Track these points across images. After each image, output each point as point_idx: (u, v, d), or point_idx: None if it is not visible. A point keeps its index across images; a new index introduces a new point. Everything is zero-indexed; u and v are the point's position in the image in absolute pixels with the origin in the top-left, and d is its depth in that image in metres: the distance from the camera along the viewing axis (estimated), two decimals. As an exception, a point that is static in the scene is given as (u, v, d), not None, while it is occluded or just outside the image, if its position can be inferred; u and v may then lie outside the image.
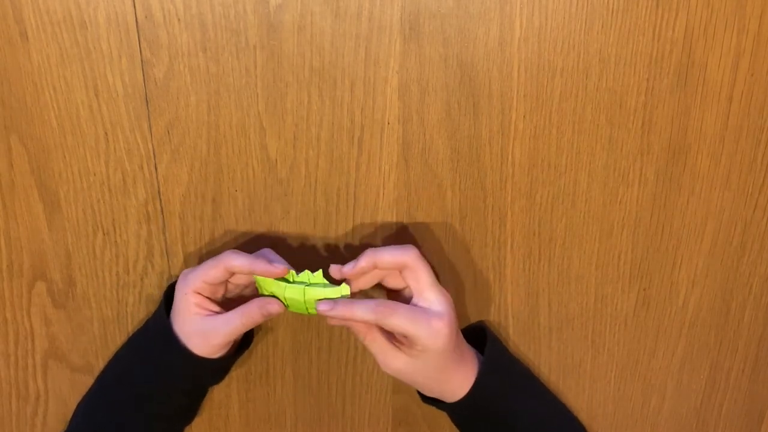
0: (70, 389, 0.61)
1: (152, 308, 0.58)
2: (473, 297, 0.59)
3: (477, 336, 0.55)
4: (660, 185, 0.56)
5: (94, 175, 0.53)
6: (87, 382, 0.61)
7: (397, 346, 0.50)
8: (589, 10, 0.49)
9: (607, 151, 0.54)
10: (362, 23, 0.49)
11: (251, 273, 0.48)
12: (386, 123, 0.52)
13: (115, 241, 0.55)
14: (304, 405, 0.64)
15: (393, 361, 0.49)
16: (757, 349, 0.64)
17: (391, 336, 0.50)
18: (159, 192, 0.54)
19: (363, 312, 0.47)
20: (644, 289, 0.60)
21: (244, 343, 0.57)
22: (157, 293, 0.57)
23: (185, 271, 0.52)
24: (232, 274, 0.49)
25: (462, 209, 0.56)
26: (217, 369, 0.55)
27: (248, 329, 0.50)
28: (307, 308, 0.49)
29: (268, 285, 0.49)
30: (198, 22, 0.48)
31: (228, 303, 0.52)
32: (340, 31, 0.49)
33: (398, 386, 0.63)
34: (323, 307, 0.47)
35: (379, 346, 0.49)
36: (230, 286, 0.52)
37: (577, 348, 0.62)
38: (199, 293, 0.50)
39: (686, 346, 0.63)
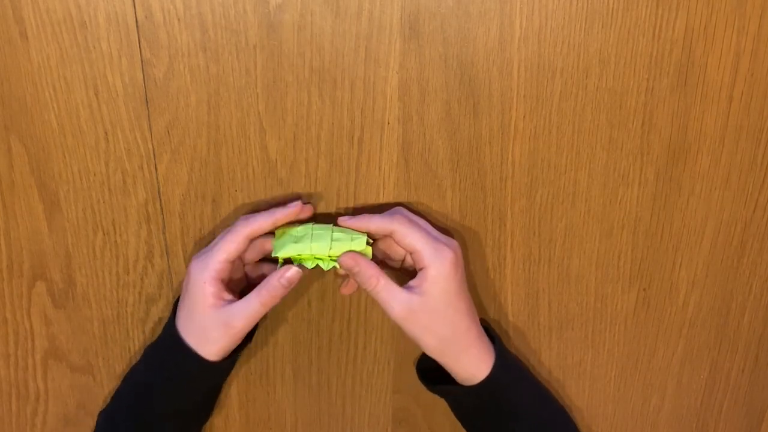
0: (70, 389, 0.61)
1: (152, 308, 0.58)
2: (473, 297, 0.59)
3: None
4: (660, 185, 0.56)
5: (94, 175, 0.53)
6: (87, 382, 0.61)
7: (408, 290, 0.49)
8: (589, 10, 0.49)
9: (607, 151, 0.54)
10: (362, 23, 0.49)
11: (274, 226, 0.50)
12: (386, 123, 0.52)
13: (115, 241, 0.55)
14: (304, 405, 0.64)
15: (403, 302, 0.49)
16: (757, 349, 0.64)
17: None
18: (159, 192, 0.54)
19: (379, 221, 0.50)
20: (644, 289, 0.60)
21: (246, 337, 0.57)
22: (157, 293, 0.57)
23: (195, 257, 0.51)
24: (251, 242, 0.50)
25: (462, 209, 0.56)
26: (225, 367, 0.55)
27: (270, 308, 0.49)
28: (330, 247, 0.50)
29: (287, 243, 0.50)
30: (198, 22, 0.48)
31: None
32: (340, 31, 0.49)
33: (398, 386, 0.63)
34: (345, 217, 0.50)
35: (388, 290, 0.49)
36: (247, 266, 0.53)
37: (577, 348, 0.62)
38: (218, 280, 0.49)
39: (686, 346, 0.63)
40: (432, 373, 0.55)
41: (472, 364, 0.51)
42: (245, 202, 0.54)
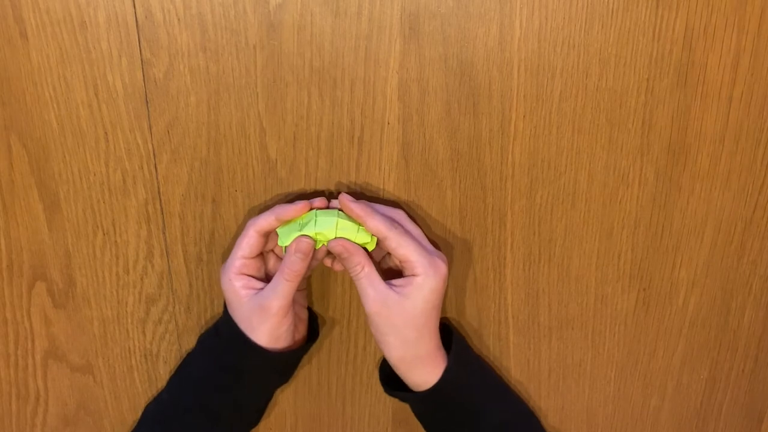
0: (70, 389, 0.61)
1: (152, 308, 0.58)
2: (473, 297, 0.59)
3: (441, 335, 0.55)
4: (660, 185, 0.56)
5: (94, 175, 0.53)
6: (87, 382, 0.61)
7: (389, 286, 0.50)
8: (589, 10, 0.49)
9: (607, 151, 0.54)
10: (362, 23, 0.49)
11: (279, 220, 0.50)
12: (386, 123, 0.52)
13: (115, 241, 0.55)
14: (304, 405, 0.64)
15: (380, 295, 0.50)
16: (757, 349, 0.64)
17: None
18: (159, 192, 0.54)
19: (378, 222, 0.49)
20: (644, 289, 0.60)
21: (310, 337, 0.57)
22: (157, 293, 0.58)
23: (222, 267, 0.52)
24: (266, 239, 0.51)
25: (462, 209, 0.56)
26: (284, 364, 0.55)
27: (296, 283, 0.50)
28: (336, 225, 0.50)
29: (292, 231, 0.50)
30: (198, 22, 0.48)
31: None
32: (340, 31, 0.49)
33: (398, 386, 0.63)
34: (347, 198, 0.50)
35: (370, 279, 0.50)
36: (271, 264, 0.54)
37: (577, 348, 0.62)
38: (241, 274, 0.51)
39: (686, 346, 0.63)
40: (391, 377, 0.55)
41: (425, 371, 0.52)
42: (245, 202, 0.54)
